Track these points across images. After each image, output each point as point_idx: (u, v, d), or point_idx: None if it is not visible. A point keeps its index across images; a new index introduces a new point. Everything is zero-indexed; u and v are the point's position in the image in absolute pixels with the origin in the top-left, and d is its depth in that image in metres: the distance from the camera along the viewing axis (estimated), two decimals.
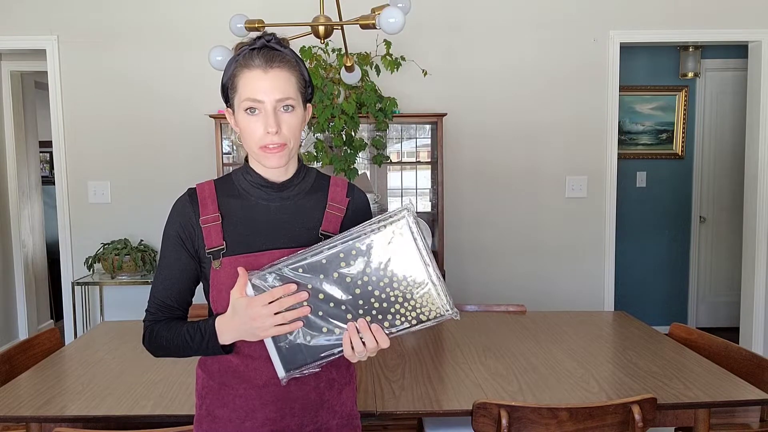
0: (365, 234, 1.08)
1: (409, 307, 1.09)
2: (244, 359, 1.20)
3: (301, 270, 1.09)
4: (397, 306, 1.09)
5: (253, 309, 1.09)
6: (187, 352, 1.21)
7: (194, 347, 1.19)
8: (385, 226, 1.08)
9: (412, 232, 1.08)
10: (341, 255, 1.08)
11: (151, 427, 1.59)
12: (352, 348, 1.10)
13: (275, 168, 1.20)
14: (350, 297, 1.09)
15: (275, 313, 1.08)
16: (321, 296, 1.09)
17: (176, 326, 1.22)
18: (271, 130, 1.15)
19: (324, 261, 1.08)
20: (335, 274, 1.08)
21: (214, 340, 1.17)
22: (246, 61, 1.17)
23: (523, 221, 3.90)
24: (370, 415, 1.65)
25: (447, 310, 1.09)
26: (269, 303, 1.08)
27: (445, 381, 1.90)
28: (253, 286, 1.09)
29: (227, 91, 1.22)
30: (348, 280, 1.09)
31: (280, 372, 1.12)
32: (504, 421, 1.56)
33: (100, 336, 2.45)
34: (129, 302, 3.80)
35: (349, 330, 1.09)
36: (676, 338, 2.35)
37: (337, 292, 1.09)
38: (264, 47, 1.18)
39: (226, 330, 1.15)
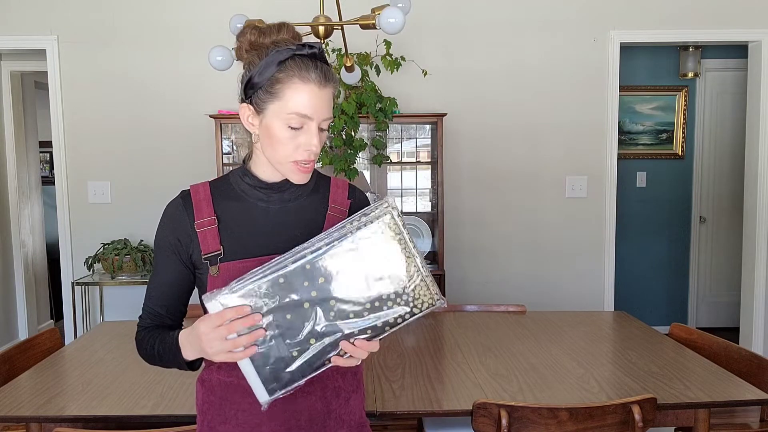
0: (351, 232, 1.01)
1: (402, 302, 1.04)
2: None
3: (282, 280, 1.00)
4: (390, 302, 1.03)
5: (201, 328, 1.02)
6: (165, 363, 1.16)
7: (166, 359, 1.15)
8: (371, 221, 1.03)
9: (399, 225, 1.04)
10: (327, 257, 1.01)
11: (151, 427, 1.58)
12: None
13: (300, 183, 1.15)
14: (340, 301, 1.02)
15: (227, 338, 1.00)
16: (306, 305, 1.01)
17: (157, 335, 1.17)
18: (315, 150, 1.10)
19: (308, 266, 1.00)
20: (321, 279, 1.00)
21: (179, 354, 1.11)
22: (300, 72, 1.07)
23: (523, 221, 3.89)
24: (370, 416, 1.65)
25: (438, 300, 1.06)
26: (218, 326, 1.00)
27: (445, 381, 1.90)
28: (222, 305, 1.00)
29: (257, 89, 1.10)
30: (337, 281, 1.02)
31: (262, 396, 1.02)
32: (504, 421, 1.56)
33: (100, 336, 2.45)
34: (129, 302, 3.80)
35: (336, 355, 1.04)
36: (676, 338, 2.35)
37: (324, 298, 1.01)
38: (318, 58, 1.11)
39: (187, 345, 1.09)
